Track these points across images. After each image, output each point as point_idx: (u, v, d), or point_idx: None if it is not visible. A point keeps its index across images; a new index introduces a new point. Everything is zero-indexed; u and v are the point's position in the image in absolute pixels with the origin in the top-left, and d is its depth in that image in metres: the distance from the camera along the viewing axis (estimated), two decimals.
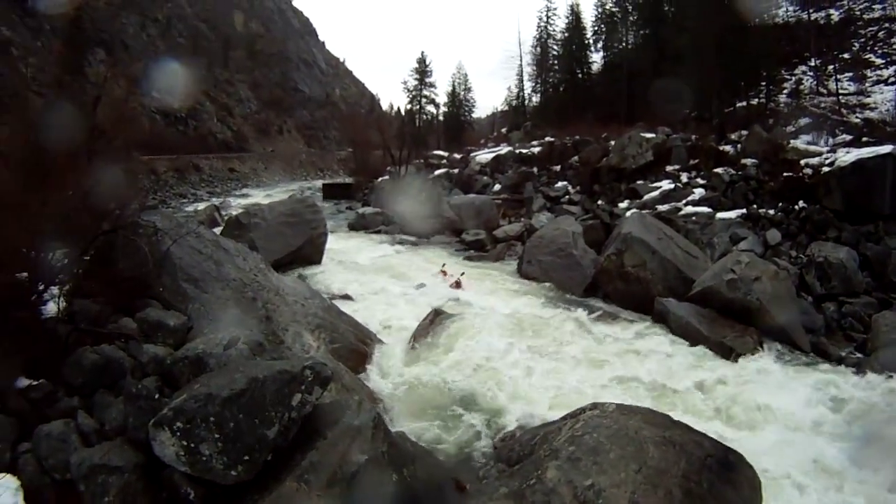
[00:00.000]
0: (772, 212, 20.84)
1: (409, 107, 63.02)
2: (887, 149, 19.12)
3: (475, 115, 69.09)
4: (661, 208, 23.57)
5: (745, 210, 21.57)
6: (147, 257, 9.28)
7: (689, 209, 22.88)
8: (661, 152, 28.21)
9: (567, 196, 30.50)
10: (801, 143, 23.53)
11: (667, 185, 25.84)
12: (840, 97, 27.98)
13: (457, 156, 44.45)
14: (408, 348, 13.00)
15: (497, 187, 34.77)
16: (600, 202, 27.51)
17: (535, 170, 34.97)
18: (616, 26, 48.69)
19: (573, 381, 11.28)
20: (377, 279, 19.36)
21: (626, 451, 6.57)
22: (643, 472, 6.30)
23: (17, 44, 52.28)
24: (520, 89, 57.73)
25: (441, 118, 64.95)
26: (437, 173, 40.22)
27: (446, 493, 7.41)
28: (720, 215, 21.56)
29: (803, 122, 26.02)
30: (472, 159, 40.12)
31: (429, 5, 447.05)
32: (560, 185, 31.86)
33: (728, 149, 26.31)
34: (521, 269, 20.63)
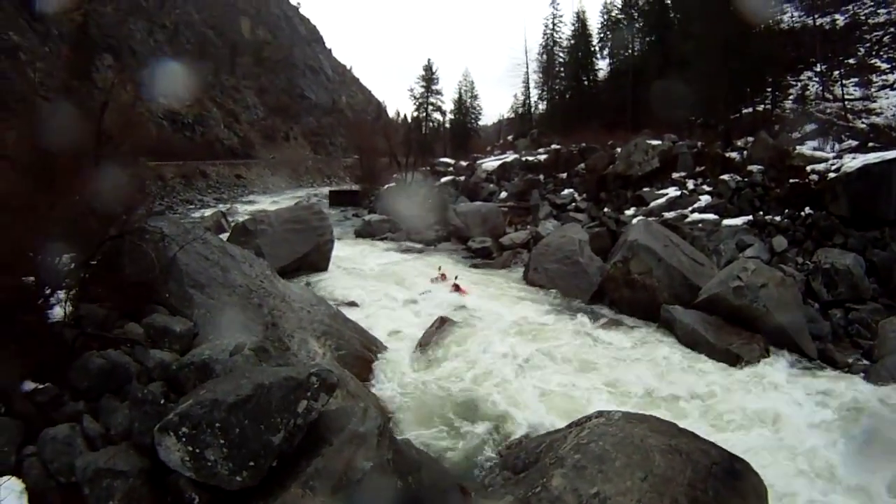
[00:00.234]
0: (778, 218, 20.73)
1: (415, 114, 62.86)
2: (893, 154, 19.00)
3: (481, 123, 69.01)
4: (668, 215, 23.48)
5: (751, 217, 21.44)
6: (154, 263, 9.31)
7: (696, 216, 22.77)
8: (667, 159, 28.11)
9: (573, 203, 30.39)
10: (807, 149, 23.41)
11: (673, 192, 25.75)
12: (846, 102, 27.90)
13: (463, 163, 44.27)
14: (413, 355, 13.01)
15: (503, 195, 34.64)
16: (606, 209, 27.42)
17: (542, 177, 34.80)
18: (622, 33, 48.57)
19: (579, 389, 11.29)
20: (383, 286, 19.36)
21: (631, 460, 6.56)
22: (649, 480, 6.28)
23: (25, 49, 52.65)
24: (526, 97, 57.59)
25: (447, 125, 64.75)
26: (443, 180, 40.06)
27: (452, 501, 7.37)
28: (726, 222, 21.45)
29: (809, 128, 25.96)
30: (479, 167, 39.99)
31: (435, 13, 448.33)
32: (566, 192, 31.75)
33: (734, 155, 26.19)
34: (528, 276, 20.61)
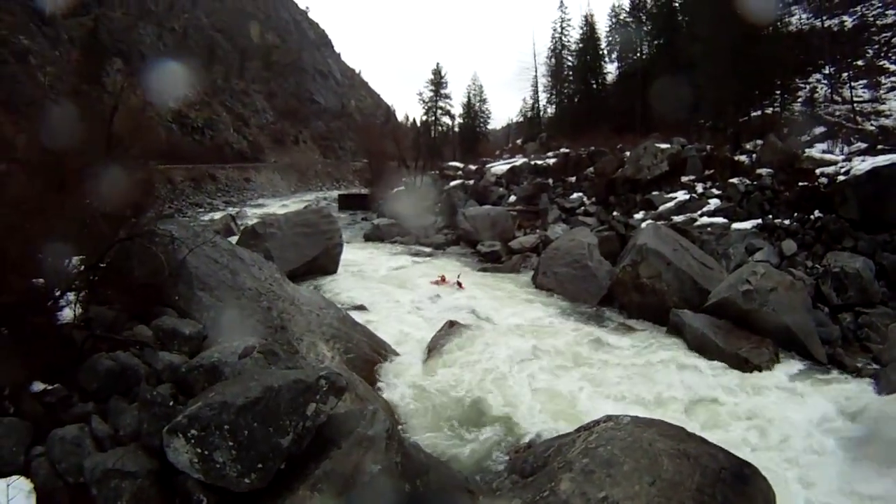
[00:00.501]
0: (787, 222, 20.62)
1: (424, 118, 63.13)
2: None
3: (490, 127, 68.93)
4: (677, 219, 23.42)
5: (760, 220, 21.35)
6: (163, 265, 9.35)
7: (705, 220, 22.72)
8: (676, 163, 28.04)
9: (582, 207, 30.34)
10: (816, 151, 23.29)
11: (682, 195, 25.68)
12: (855, 105, 27.77)
13: (472, 167, 44.22)
14: (422, 359, 13.01)
15: (512, 198, 34.60)
16: (616, 213, 27.37)
17: (551, 181, 34.77)
18: (630, 36, 48.47)
19: (588, 393, 11.25)
20: (392, 290, 19.39)
21: (640, 464, 6.54)
22: (657, 484, 6.26)
23: (36, 52, 53.08)
24: (535, 100, 57.55)
25: (456, 129, 64.88)
26: (452, 184, 40.01)
27: None
28: (735, 226, 21.38)
29: (818, 130, 25.80)
30: (488, 170, 39.93)
31: (445, 18, 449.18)
32: (575, 196, 31.72)
33: (743, 159, 26.11)
34: (537, 280, 20.60)
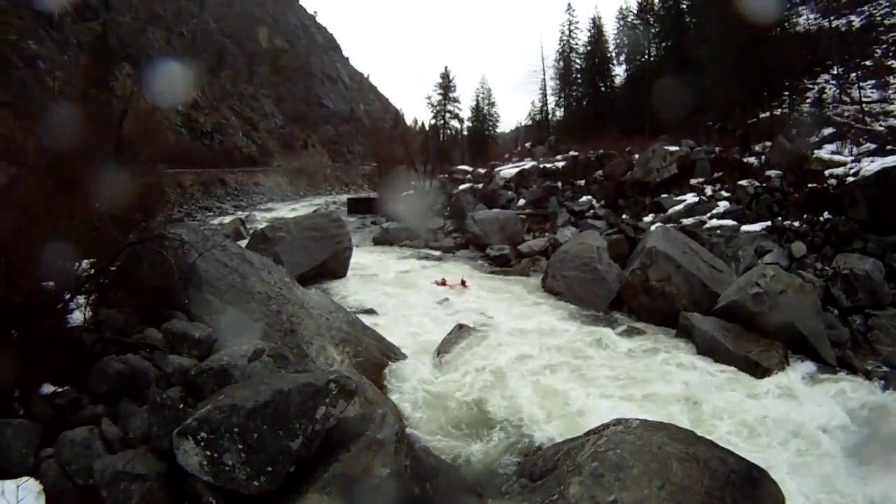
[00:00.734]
0: (797, 224, 20.52)
1: (433, 122, 63.05)
2: None
3: (499, 130, 69.15)
4: (686, 222, 23.36)
5: (769, 222, 21.27)
6: (173, 269, 9.36)
7: (714, 222, 22.66)
8: (684, 165, 27.97)
9: (591, 210, 30.35)
10: (825, 152, 23.14)
11: (691, 198, 25.62)
12: (863, 105, 27.54)
13: (481, 170, 44.30)
14: (431, 363, 13.03)
15: (521, 202, 34.64)
16: (625, 216, 27.35)
17: (560, 184, 34.79)
18: (638, 39, 48.38)
19: (597, 396, 11.21)
20: (401, 293, 19.45)
21: (649, 467, 6.51)
22: (666, 488, 6.23)
23: (45, 57, 53.42)
24: (543, 103, 57.55)
25: (465, 133, 64.88)
26: (461, 188, 40.05)
27: None
28: (745, 228, 21.28)
29: (827, 131, 25.63)
30: (497, 174, 39.97)
31: (453, 22, 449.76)
32: (584, 199, 31.70)
33: (752, 160, 26.02)
34: (546, 283, 20.56)
